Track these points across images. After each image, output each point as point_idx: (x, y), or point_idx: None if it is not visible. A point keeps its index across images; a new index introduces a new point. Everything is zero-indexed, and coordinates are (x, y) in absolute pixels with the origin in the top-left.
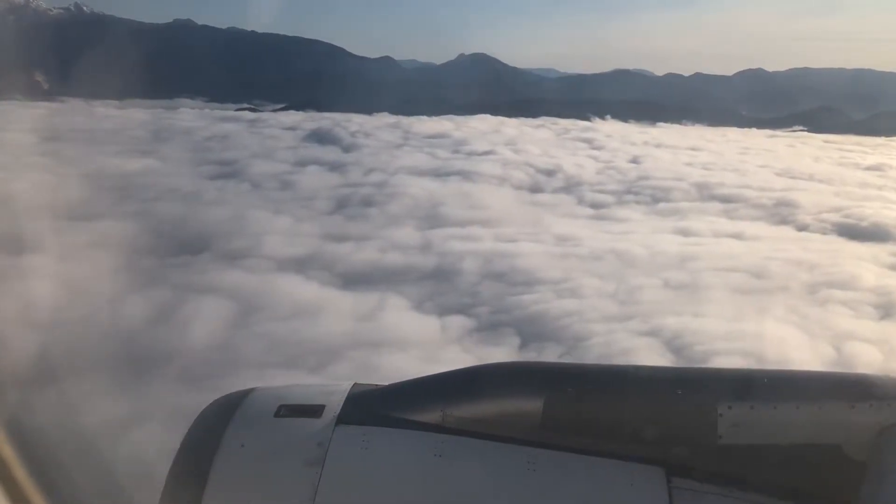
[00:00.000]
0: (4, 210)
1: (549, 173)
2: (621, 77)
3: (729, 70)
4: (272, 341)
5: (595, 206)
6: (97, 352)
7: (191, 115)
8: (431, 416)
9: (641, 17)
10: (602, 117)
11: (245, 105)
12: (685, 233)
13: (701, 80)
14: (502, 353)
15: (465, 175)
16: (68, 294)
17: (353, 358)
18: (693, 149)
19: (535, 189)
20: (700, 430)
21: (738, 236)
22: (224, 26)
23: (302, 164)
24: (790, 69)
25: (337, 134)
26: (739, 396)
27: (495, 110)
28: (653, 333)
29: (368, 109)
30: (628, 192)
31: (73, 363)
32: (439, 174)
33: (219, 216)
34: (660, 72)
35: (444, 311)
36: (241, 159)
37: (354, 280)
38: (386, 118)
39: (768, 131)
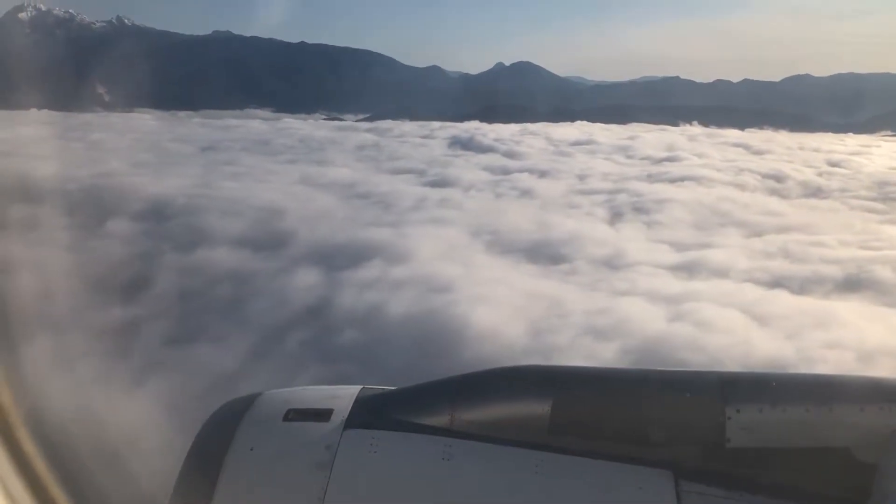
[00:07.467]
0: (297, 223)
1: (778, 179)
2: (670, 84)
3: (773, 76)
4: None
5: (873, 212)
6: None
7: (306, 126)
8: (440, 420)
9: (655, 26)
10: (689, 122)
11: (321, 115)
12: None
13: (750, 86)
14: None
15: (698, 181)
16: (500, 299)
17: None
18: (855, 154)
19: (782, 195)
20: (708, 432)
21: None
22: (265, 36)
23: (493, 171)
24: (835, 74)
25: (480, 142)
26: (748, 399)
27: (587, 117)
28: None
29: (458, 117)
30: (886, 198)
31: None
32: (663, 180)
33: (527, 225)
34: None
35: None
36: (426, 169)
37: (796, 287)
38: (489, 127)
39: (867, 136)
